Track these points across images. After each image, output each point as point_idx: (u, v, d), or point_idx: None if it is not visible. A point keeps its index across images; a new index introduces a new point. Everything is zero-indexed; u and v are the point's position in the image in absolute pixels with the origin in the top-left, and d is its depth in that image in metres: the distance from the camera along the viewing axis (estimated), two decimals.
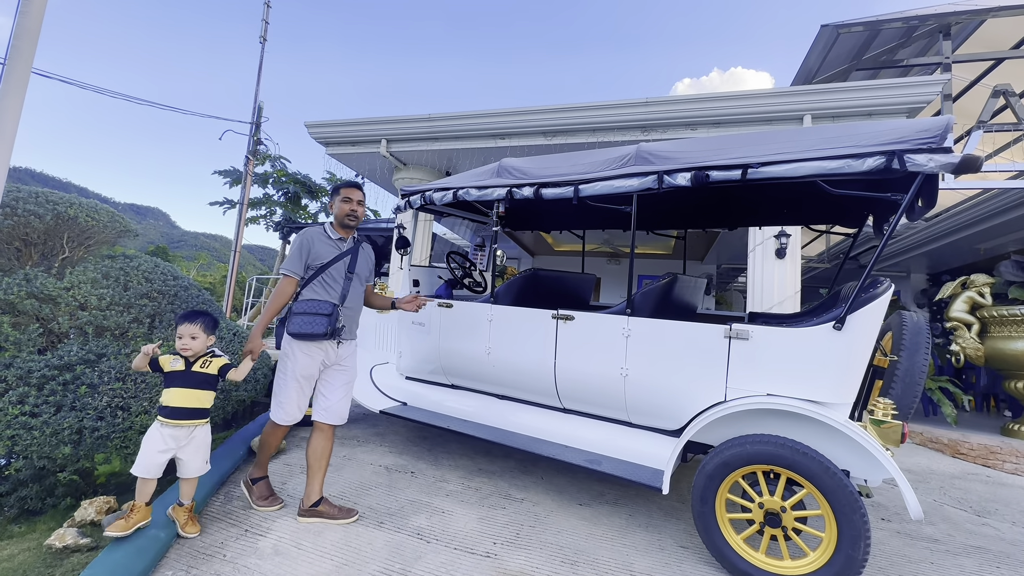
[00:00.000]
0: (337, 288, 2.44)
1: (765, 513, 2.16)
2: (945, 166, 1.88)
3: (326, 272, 2.42)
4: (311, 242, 2.43)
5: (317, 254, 2.42)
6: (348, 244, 2.54)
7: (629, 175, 2.58)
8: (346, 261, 2.49)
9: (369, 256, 2.68)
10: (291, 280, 2.39)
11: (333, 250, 2.48)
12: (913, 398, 2.32)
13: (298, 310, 2.34)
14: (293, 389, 2.39)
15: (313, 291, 2.40)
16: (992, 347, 5.15)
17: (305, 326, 2.30)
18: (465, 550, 2.29)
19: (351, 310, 2.51)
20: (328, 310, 2.34)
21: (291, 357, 2.38)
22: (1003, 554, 2.65)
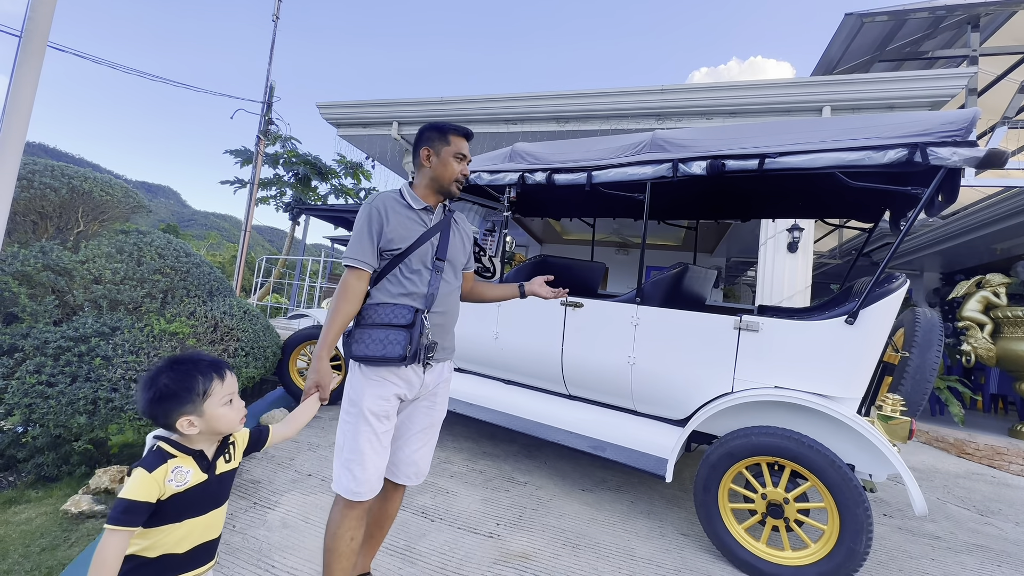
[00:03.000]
0: (421, 284, 1.57)
1: (768, 504, 2.17)
2: (969, 160, 1.84)
3: (405, 260, 1.56)
4: (383, 214, 1.56)
5: (394, 233, 1.55)
6: (437, 216, 1.65)
7: (643, 162, 2.55)
8: (433, 243, 1.60)
9: (465, 233, 1.77)
10: (359, 274, 1.54)
11: (417, 226, 1.59)
12: (922, 395, 2.31)
13: (364, 320, 1.55)
14: (366, 439, 1.50)
15: (386, 290, 1.56)
16: (1005, 348, 5.09)
17: (373, 346, 1.49)
18: (469, 530, 2.32)
19: (443, 315, 1.62)
20: (407, 319, 1.52)
21: (357, 390, 1.54)
22: (1005, 553, 2.65)
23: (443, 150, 1.61)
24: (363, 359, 1.51)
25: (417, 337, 1.52)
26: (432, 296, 1.58)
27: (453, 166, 1.61)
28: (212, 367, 1.16)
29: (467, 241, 1.77)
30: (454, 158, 1.61)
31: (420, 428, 1.67)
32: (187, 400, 1.10)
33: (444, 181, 1.62)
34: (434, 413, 1.70)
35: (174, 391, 1.09)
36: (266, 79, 10.65)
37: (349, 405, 1.55)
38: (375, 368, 1.53)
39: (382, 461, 1.54)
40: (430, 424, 1.70)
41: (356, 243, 1.56)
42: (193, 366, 1.14)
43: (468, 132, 1.66)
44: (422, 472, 1.70)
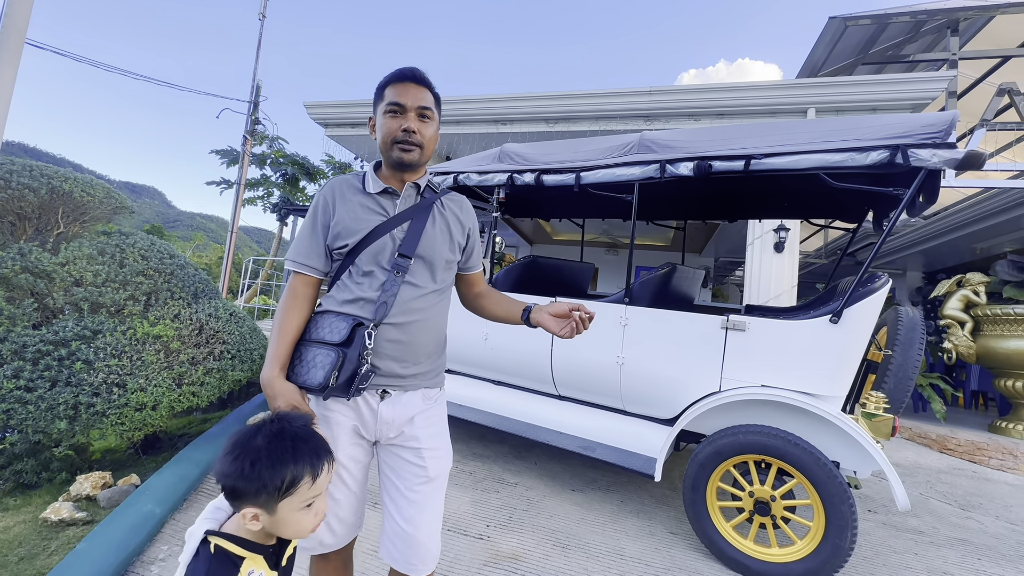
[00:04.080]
0: (370, 288, 1.18)
1: (755, 502, 2.19)
2: (948, 161, 1.88)
3: (359, 257, 1.19)
4: (331, 202, 1.22)
5: (341, 225, 1.20)
6: (407, 201, 1.25)
7: (631, 163, 2.56)
8: (395, 236, 1.21)
9: (457, 221, 1.32)
10: (305, 280, 1.21)
11: (371, 214, 1.21)
12: (905, 393, 2.35)
13: (304, 335, 1.19)
14: None
15: (332, 297, 1.23)
16: (984, 345, 5.20)
17: (297, 367, 1.15)
18: (458, 532, 2.31)
19: (407, 329, 1.20)
20: (341, 334, 1.13)
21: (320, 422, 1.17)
22: (985, 547, 2.71)
23: (378, 109, 1.21)
24: (294, 383, 1.13)
25: (355, 358, 1.10)
26: (386, 304, 1.16)
27: (390, 123, 1.18)
28: (313, 455, 0.89)
29: (458, 232, 1.31)
30: (386, 115, 1.18)
31: (414, 490, 1.19)
32: (262, 492, 0.83)
33: (385, 147, 1.21)
34: (424, 462, 1.21)
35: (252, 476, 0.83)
36: (253, 78, 10.53)
37: None
38: (319, 402, 1.19)
39: (342, 510, 1.19)
40: (426, 480, 1.20)
41: (299, 241, 1.22)
42: (291, 447, 0.86)
43: (409, 73, 1.19)
44: (431, 552, 1.20)
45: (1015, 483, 4.08)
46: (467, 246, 1.37)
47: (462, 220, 1.34)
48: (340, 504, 1.18)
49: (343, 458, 1.17)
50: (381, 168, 1.28)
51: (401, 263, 1.19)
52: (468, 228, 1.36)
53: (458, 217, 1.33)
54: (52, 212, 3.27)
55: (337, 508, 1.18)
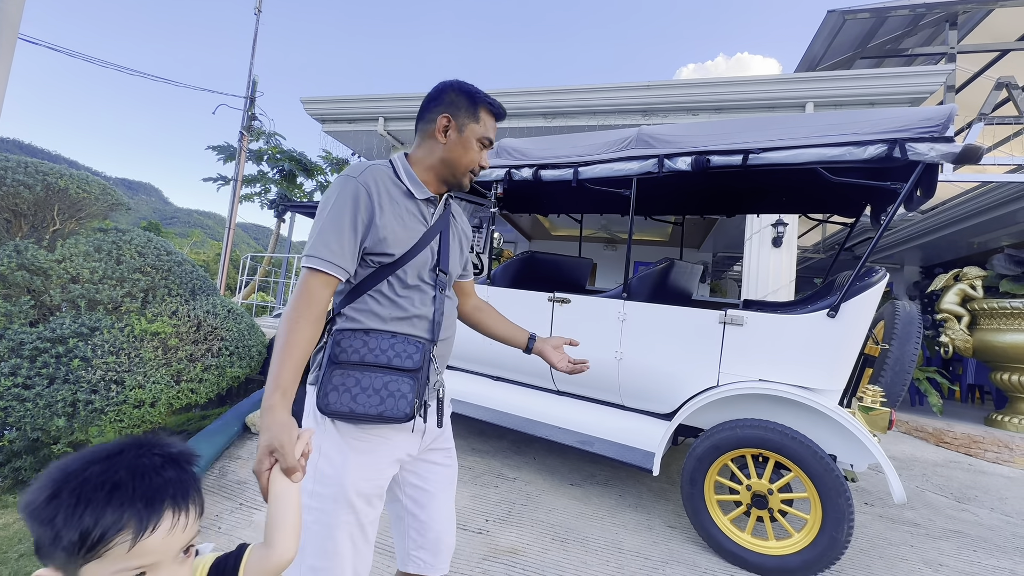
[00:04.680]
0: (423, 304, 1.12)
1: (752, 495, 2.20)
2: (946, 155, 1.88)
3: (399, 272, 1.09)
4: (375, 199, 1.06)
5: (388, 230, 1.07)
6: (439, 211, 1.19)
7: (629, 158, 2.56)
8: (433, 248, 1.16)
9: (464, 233, 1.32)
10: (327, 281, 1.01)
11: (418, 223, 1.13)
12: (902, 386, 2.36)
13: (340, 355, 1.04)
14: (346, 534, 1.02)
15: (371, 311, 1.08)
16: (981, 339, 5.22)
17: (363, 397, 1.01)
18: (458, 526, 2.30)
19: (448, 345, 1.21)
20: (414, 359, 1.06)
21: (333, 462, 1.03)
22: (980, 538, 2.73)
23: (468, 127, 1.13)
24: (348, 416, 1.00)
25: (424, 383, 1.06)
26: (440, 324, 1.12)
27: (475, 152, 1.15)
28: (145, 502, 0.57)
29: (465, 244, 1.31)
30: (479, 142, 1.15)
31: (440, 488, 1.19)
32: (56, 545, 0.54)
33: (459, 169, 1.15)
34: (451, 460, 1.25)
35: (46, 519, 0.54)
36: (249, 73, 10.47)
37: (318, 484, 1.01)
38: (366, 428, 1.04)
39: (366, 566, 1.05)
40: (451, 479, 1.23)
41: (329, 234, 1.01)
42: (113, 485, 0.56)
43: (503, 112, 1.19)
44: (452, 548, 1.22)
45: (1010, 475, 4.11)
46: (467, 258, 1.36)
47: (466, 232, 1.33)
48: (370, 551, 1.04)
49: (383, 492, 1.07)
50: (414, 164, 1.16)
51: (443, 280, 1.16)
52: (470, 239, 1.36)
53: (464, 230, 1.32)
54: (48, 209, 3.25)
55: (368, 555, 1.04)
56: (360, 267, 1.08)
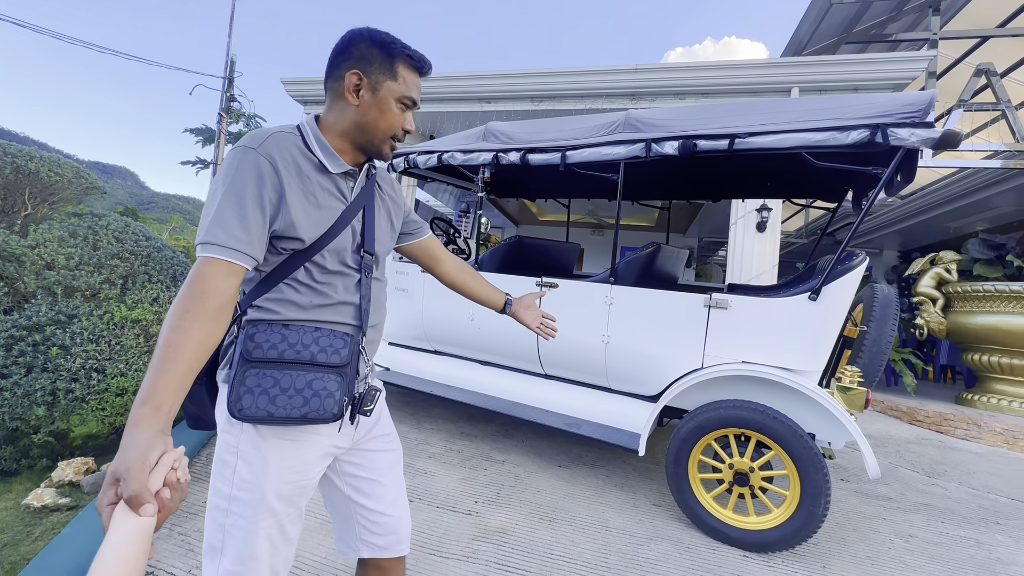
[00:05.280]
0: (347, 291, 1.01)
1: (735, 473, 2.26)
2: (926, 141, 1.91)
3: (316, 257, 0.97)
4: (280, 175, 0.91)
5: (298, 212, 0.93)
6: (359, 183, 1.05)
7: (617, 142, 2.55)
8: (355, 228, 1.03)
9: (393, 202, 1.17)
10: (230, 270, 0.85)
11: (334, 200, 1.00)
12: (878, 367, 2.43)
13: (258, 353, 0.92)
14: (265, 537, 0.95)
15: (288, 301, 0.96)
16: (954, 321, 5.39)
17: (283, 399, 0.91)
18: (447, 508, 2.35)
19: (377, 331, 1.11)
20: (341, 354, 0.97)
21: (253, 465, 0.94)
22: (948, 511, 2.86)
23: (384, 86, 0.96)
24: (266, 421, 0.89)
25: (354, 378, 0.98)
26: (366, 311, 1.02)
27: (394, 115, 0.99)
28: None
29: (397, 216, 1.18)
30: (398, 103, 0.99)
31: (385, 468, 1.14)
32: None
33: (376, 136, 0.99)
34: (392, 444, 1.19)
35: None
36: (226, 53, 10.14)
37: (236, 489, 0.93)
38: (283, 431, 0.95)
39: (286, 562, 1.00)
40: (395, 462, 1.18)
41: (229, 216, 0.85)
42: None
43: (427, 65, 1.02)
44: (409, 527, 1.18)
45: (978, 451, 4.29)
46: (404, 224, 1.25)
47: (397, 200, 1.20)
48: (292, 545, 1.01)
49: (310, 487, 1.01)
50: (326, 131, 1.00)
51: (368, 262, 1.04)
52: (403, 207, 1.23)
53: (394, 199, 1.18)
54: (18, 192, 3.14)
55: (288, 551, 1.00)
56: (269, 254, 0.94)
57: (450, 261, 1.37)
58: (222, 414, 0.96)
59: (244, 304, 0.95)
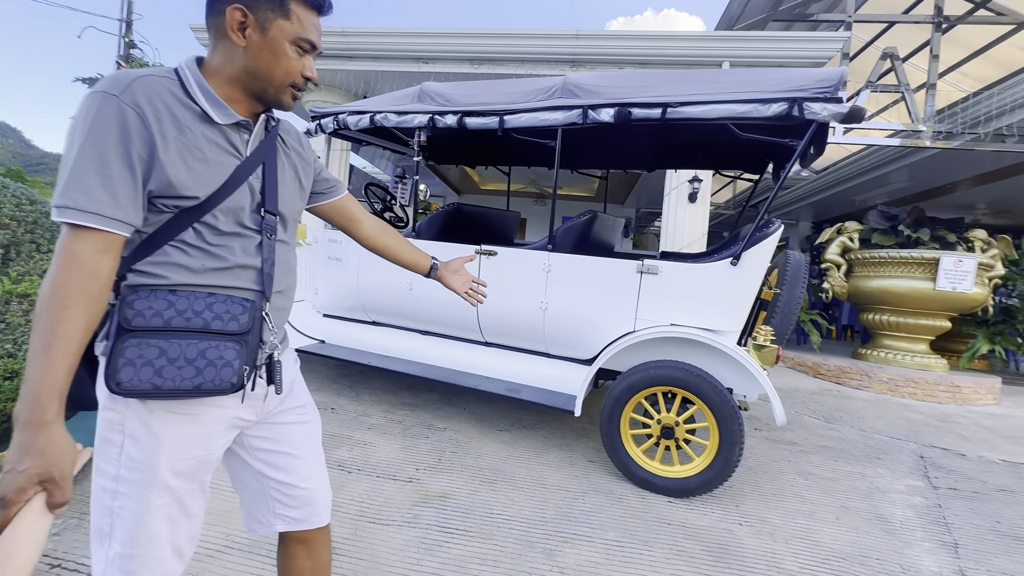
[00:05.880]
0: (246, 253, 0.92)
1: (662, 428, 2.42)
2: (836, 115, 2.05)
3: (207, 217, 0.86)
4: (150, 125, 0.79)
5: (177, 168, 0.82)
6: (258, 136, 0.95)
7: (555, 108, 2.53)
8: (253, 185, 0.93)
9: (300, 157, 1.07)
10: (103, 241, 0.77)
11: (223, 155, 0.89)
12: (789, 326, 2.66)
13: (139, 321, 0.81)
14: (162, 516, 0.87)
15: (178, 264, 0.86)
16: (854, 285, 6.00)
17: (172, 371, 0.81)
18: (388, 477, 2.35)
19: (285, 297, 1.02)
20: (240, 320, 0.88)
21: (141, 443, 0.85)
22: (842, 451, 3.25)
23: (275, 25, 0.86)
24: (152, 394, 0.81)
25: (256, 347, 0.90)
26: (269, 275, 0.94)
27: (290, 60, 0.89)
28: None
29: (305, 174, 1.08)
30: (294, 45, 0.88)
31: (304, 446, 1.09)
32: None
33: (271, 83, 0.89)
34: (308, 415, 1.12)
35: None
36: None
37: (124, 468, 0.84)
38: (174, 404, 0.87)
39: (190, 538, 0.92)
40: (311, 434, 1.12)
41: (90, 176, 0.75)
42: None
43: (325, 2, 0.92)
44: (329, 497, 1.15)
45: (868, 398, 4.88)
46: (315, 183, 1.15)
47: (305, 157, 1.09)
48: (196, 521, 0.94)
49: (214, 461, 0.95)
50: (210, 76, 0.88)
51: (270, 223, 0.95)
52: (312, 164, 1.13)
53: (301, 155, 1.07)
54: None
55: (192, 527, 0.93)
56: (150, 213, 0.83)
57: (370, 223, 1.28)
58: (102, 390, 0.86)
59: (122, 269, 0.84)
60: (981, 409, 4.84)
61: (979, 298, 5.21)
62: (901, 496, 2.63)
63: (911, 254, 5.32)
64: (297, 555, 1.11)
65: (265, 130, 0.96)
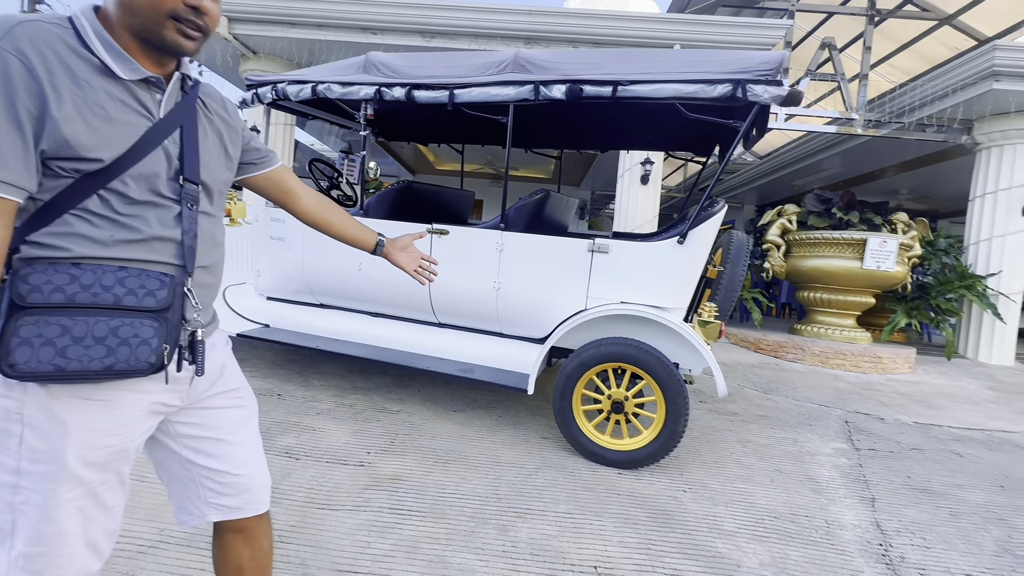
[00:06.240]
0: (166, 222, 0.84)
1: (612, 403, 2.49)
2: (776, 97, 2.12)
3: (114, 183, 0.78)
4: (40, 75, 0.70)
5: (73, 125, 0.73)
6: (173, 95, 0.86)
7: (506, 83, 2.48)
8: (169, 149, 0.84)
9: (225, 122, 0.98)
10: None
11: (130, 113, 0.79)
12: (731, 303, 2.78)
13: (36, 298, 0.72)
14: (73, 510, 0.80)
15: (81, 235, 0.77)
16: (792, 264, 6.35)
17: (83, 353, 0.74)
18: (338, 462, 2.29)
19: (211, 273, 0.96)
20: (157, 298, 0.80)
21: (42, 429, 0.77)
22: (778, 419, 3.47)
23: None
24: (54, 378, 0.74)
25: (177, 325, 0.83)
26: (192, 248, 0.87)
27: None
28: None
29: (232, 141, 0.99)
30: None
31: (237, 431, 1.02)
32: None
33: (144, 14, 0.76)
34: (243, 399, 1.06)
35: None
36: None
37: (24, 461, 0.77)
38: (94, 385, 0.80)
39: (108, 532, 0.86)
40: (246, 418, 1.05)
41: None
42: None
43: None
44: (268, 483, 1.08)
45: (802, 370, 5.23)
46: (244, 153, 1.06)
47: (231, 124, 1.00)
48: (114, 515, 0.87)
49: (132, 451, 0.87)
50: (108, 23, 0.78)
51: (191, 192, 0.87)
52: (241, 134, 1.04)
53: (227, 121, 0.99)
54: None
55: (109, 521, 0.86)
56: (46, 178, 0.75)
57: (309, 196, 1.20)
58: None
59: (14, 240, 0.75)
60: (898, 377, 5.30)
61: (900, 276, 5.66)
62: (828, 458, 2.84)
63: (842, 235, 5.68)
64: (234, 544, 1.06)
65: (182, 91, 0.88)
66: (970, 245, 6.48)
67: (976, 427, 3.73)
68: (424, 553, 1.72)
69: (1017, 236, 6.17)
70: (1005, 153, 6.16)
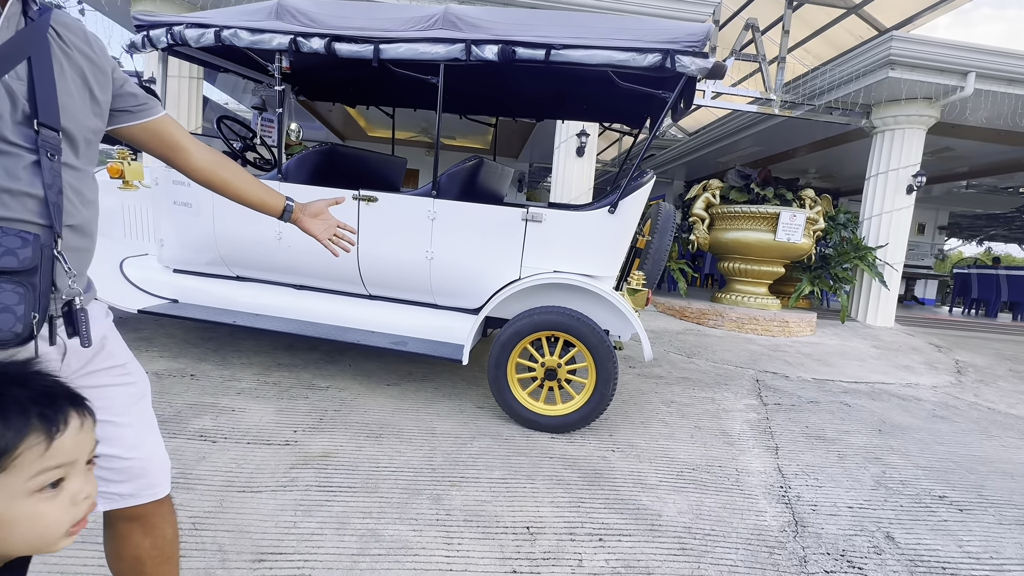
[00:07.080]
0: (20, 174, 0.72)
1: (545, 370, 2.53)
2: (702, 69, 2.17)
3: None
4: None
5: None
6: (11, 23, 0.72)
7: (436, 40, 2.34)
8: (16, 87, 0.71)
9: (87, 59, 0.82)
10: None
11: None
12: (658, 271, 2.90)
13: None
14: None
15: None
16: (715, 237, 6.75)
17: None
18: (260, 443, 2.16)
19: (83, 234, 0.84)
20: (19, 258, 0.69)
21: None
22: (699, 381, 3.72)
23: None
24: None
25: (47, 290, 0.74)
26: (57, 205, 0.76)
27: None
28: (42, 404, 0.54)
29: (98, 82, 0.84)
30: None
31: (127, 411, 0.93)
32: None
33: None
34: (130, 376, 0.95)
35: None
36: None
37: None
38: None
39: None
40: (136, 397, 0.96)
41: None
42: None
43: None
44: (167, 466, 0.99)
45: (721, 335, 5.64)
46: (116, 99, 0.90)
47: (99, 63, 0.85)
48: None
49: None
50: None
51: (50, 140, 0.75)
52: (112, 75, 0.88)
53: (91, 58, 0.83)
54: None
55: None
56: None
57: (201, 152, 1.05)
58: None
59: None
60: (802, 339, 5.87)
61: (806, 247, 6.19)
62: (740, 414, 3.10)
63: (758, 209, 6.10)
64: (131, 534, 0.96)
65: (25, 16, 0.74)
66: (864, 220, 7.20)
67: (862, 380, 4.23)
68: (355, 528, 1.67)
69: (902, 212, 6.94)
70: (896, 137, 6.84)
